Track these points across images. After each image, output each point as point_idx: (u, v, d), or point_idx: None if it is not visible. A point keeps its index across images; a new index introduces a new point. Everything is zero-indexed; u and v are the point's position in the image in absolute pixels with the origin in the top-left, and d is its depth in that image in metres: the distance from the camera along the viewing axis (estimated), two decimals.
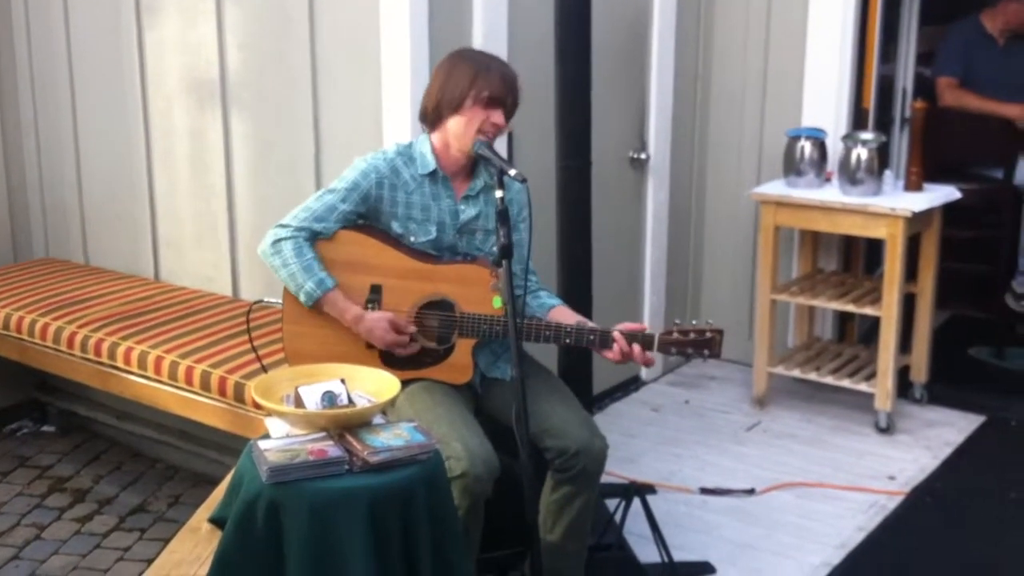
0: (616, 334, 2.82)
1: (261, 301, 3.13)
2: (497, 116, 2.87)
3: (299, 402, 2.43)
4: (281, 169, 3.98)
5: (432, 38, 3.56)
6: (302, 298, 2.87)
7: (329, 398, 2.44)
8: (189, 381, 3.53)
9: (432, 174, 2.95)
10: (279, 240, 2.87)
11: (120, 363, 3.73)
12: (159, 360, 3.62)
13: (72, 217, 4.73)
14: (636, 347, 2.81)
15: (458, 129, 2.88)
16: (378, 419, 2.48)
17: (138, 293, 4.25)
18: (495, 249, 2.82)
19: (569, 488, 2.87)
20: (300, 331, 2.95)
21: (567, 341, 2.88)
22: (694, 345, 2.84)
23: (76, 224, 4.73)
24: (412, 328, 2.90)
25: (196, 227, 4.30)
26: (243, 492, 2.27)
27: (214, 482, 3.51)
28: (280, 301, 2.97)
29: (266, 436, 2.43)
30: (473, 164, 2.98)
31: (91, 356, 3.81)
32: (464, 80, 2.86)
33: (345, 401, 2.45)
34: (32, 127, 4.77)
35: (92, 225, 4.69)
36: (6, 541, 3.76)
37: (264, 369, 3.15)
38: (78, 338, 3.85)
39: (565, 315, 2.98)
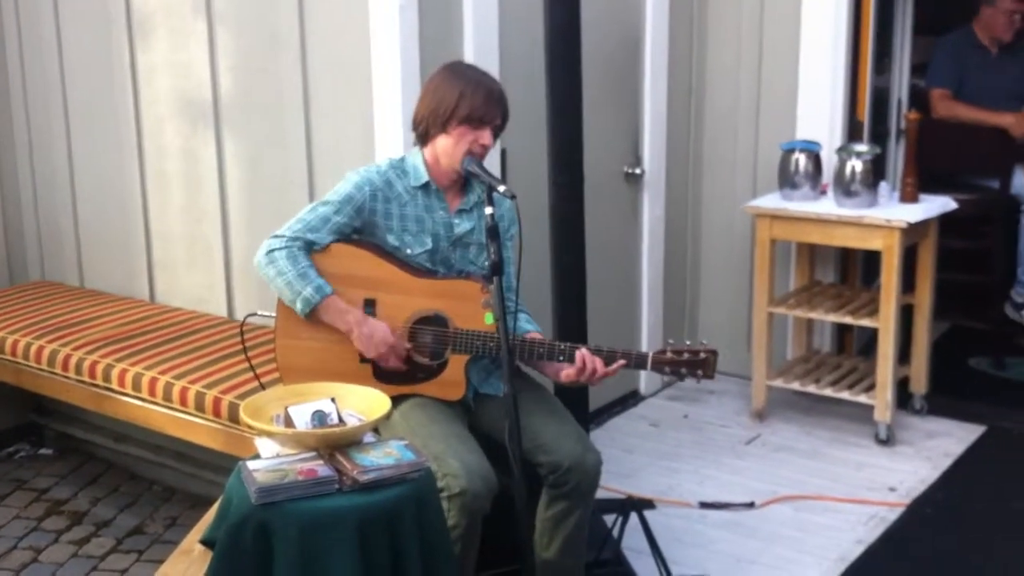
0: (583, 349, 2.81)
1: (255, 314, 3.12)
2: (484, 136, 2.86)
3: (289, 422, 2.42)
4: (274, 188, 3.98)
5: (423, 55, 3.56)
6: (299, 306, 2.83)
7: (319, 417, 2.43)
8: (183, 402, 3.52)
9: (425, 186, 2.95)
10: (272, 250, 2.85)
11: (115, 385, 3.72)
12: (153, 381, 3.61)
13: (67, 240, 4.73)
14: (599, 362, 2.80)
15: (446, 148, 2.88)
16: (368, 438, 2.47)
17: (133, 315, 4.24)
18: (487, 264, 2.82)
19: (564, 504, 2.85)
20: (293, 345, 2.93)
21: (560, 358, 2.86)
22: (688, 365, 2.84)
23: (71, 247, 4.73)
24: (409, 345, 2.88)
25: (190, 248, 4.30)
26: (232, 513, 2.26)
27: (211, 503, 3.48)
28: (273, 315, 2.96)
29: (256, 456, 2.42)
30: (467, 178, 2.97)
31: (86, 378, 3.80)
32: (450, 100, 2.85)
33: (335, 420, 2.44)
34: (26, 150, 4.78)
35: (86, 247, 4.69)
36: (3, 565, 3.75)
37: (262, 385, 3.13)
38: (72, 360, 3.84)
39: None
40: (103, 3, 4.30)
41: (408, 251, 2.93)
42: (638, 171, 4.65)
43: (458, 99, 2.84)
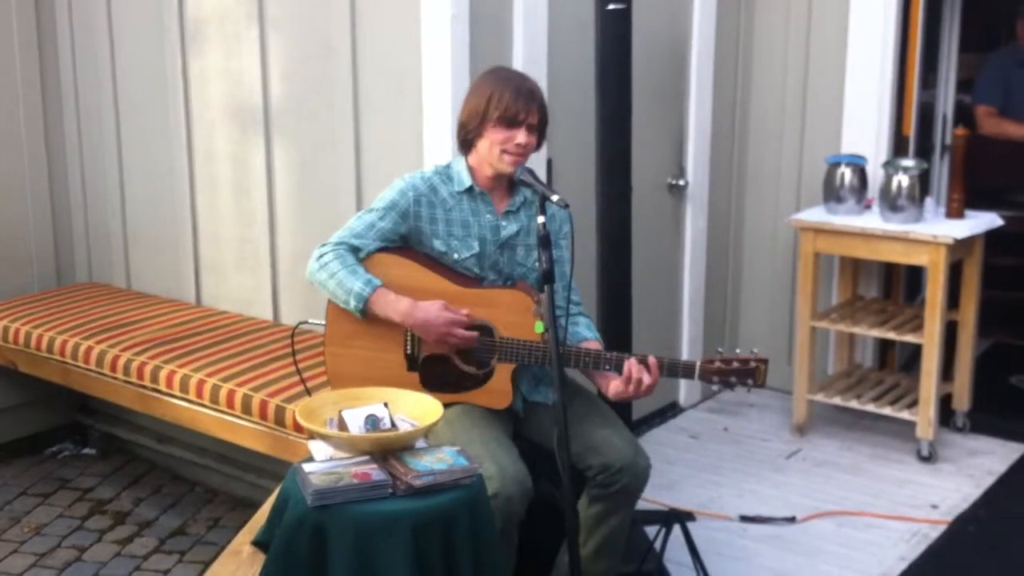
0: (631, 359, 2.81)
1: (305, 322, 3.15)
2: (519, 135, 2.86)
3: (343, 425, 2.44)
4: (322, 195, 4.01)
5: (473, 65, 3.58)
6: (352, 303, 2.85)
7: (372, 422, 2.45)
8: (230, 404, 3.56)
9: (469, 190, 2.97)
10: (322, 255, 2.90)
11: (162, 386, 3.76)
12: (201, 383, 3.65)
13: (115, 242, 4.78)
14: (645, 371, 2.81)
15: (485, 151, 2.90)
16: (420, 443, 2.49)
17: (179, 317, 4.28)
18: (536, 265, 2.83)
19: (606, 505, 2.86)
20: (342, 352, 2.96)
21: (607, 368, 2.88)
22: (737, 374, 2.83)
23: (119, 249, 4.78)
24: (465, 310, 2.87)
25: (237, 252, 4.33)
26: (287, 515, 2.28)
27: (253, 505, 3.52)
28: (322, 323, 2.99)
29: (309, 459, 2.44)
30: (512, 180, 2.98)
31: (133, 379, 3.84)
32: (480, 103, 2.87)
33: (388, 425, 2.46)
34: (77, 152, 4.83)
35: (134, 250, 4.74)
36: (47, 563, 3.79)
37: (308, 391, 3.16)
38: (120, 361, 3.88)
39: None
40: (157, 10, 4.35)
41: (455, 256, 2.95)
42: (681, 183, 4.65)
43: (488, 100, 2.86)
